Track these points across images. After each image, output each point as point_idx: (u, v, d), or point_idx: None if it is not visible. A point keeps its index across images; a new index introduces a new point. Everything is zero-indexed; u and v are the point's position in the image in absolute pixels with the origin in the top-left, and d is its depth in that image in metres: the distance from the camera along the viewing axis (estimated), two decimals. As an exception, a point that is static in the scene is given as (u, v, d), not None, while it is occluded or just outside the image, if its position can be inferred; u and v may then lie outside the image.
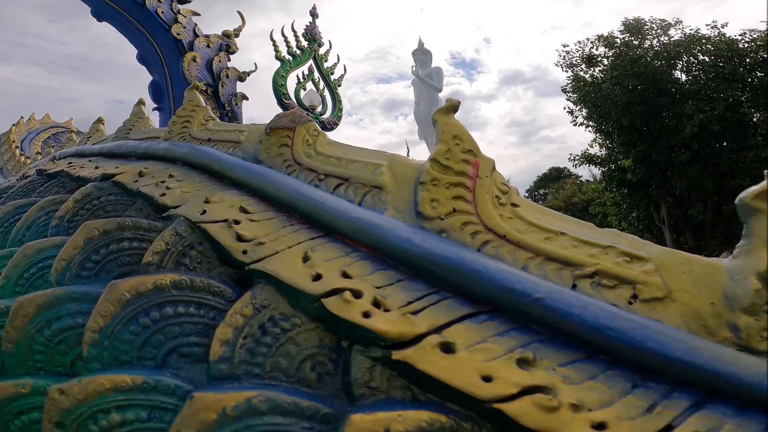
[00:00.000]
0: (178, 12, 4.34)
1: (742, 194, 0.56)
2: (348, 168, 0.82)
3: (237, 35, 5.13)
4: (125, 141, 1.33)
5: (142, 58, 4.35)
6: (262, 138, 0.91)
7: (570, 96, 18.83)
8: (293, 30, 6.12)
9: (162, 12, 4.10)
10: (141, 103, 1.76)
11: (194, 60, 4.36)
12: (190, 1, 4.62)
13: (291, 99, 5.93)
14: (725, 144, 16.59)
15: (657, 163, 18.14)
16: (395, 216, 0.71)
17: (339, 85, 6.86)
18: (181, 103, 4.79)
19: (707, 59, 16.72)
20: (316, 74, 6.49)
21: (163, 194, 0.91)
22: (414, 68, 20.71)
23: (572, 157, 20.42)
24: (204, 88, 4.42)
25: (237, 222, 0.77)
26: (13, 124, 2.81)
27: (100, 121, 1.66)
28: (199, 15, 4.71)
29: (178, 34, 4.21)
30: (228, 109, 4.70)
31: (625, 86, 16.42)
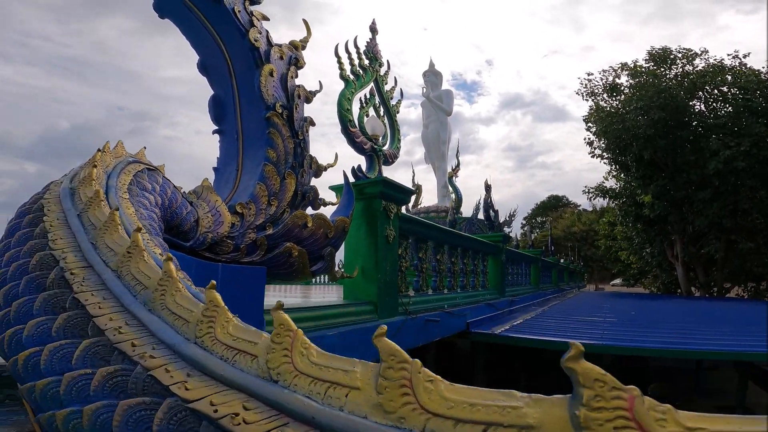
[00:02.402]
0: (251, 14, 3.37)
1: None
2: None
3: (304, 47, 4.19)
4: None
5: (203, 67, 3.32)
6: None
7: (590, 126, 18.26)
8: (356, 46, 5.19)
9: (239, 11, 3.12)
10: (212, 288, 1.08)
11: (271, 74, 3.38)
12: (260, 2, 3.66)
13: (356, 127, 4.96)
14: (746, 181, 16.15)
15: (675, 199, 17.61)
16: None
17: (397, 112, 5.94)
18: (254, 124, 3.61)
19: (733, 91, 16.35)
20: (377, 98, 5.56)
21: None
22: (424, 90, 19.94)
23: (587, 190, 19.83)
24: (280, 111, 3.43)
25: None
26: (93, 165, 1.60)
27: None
28: (268, 20, 3.76)
29: (255, 41, 3.22)
30: (301, 138, 3.70)
31: (650, 118, 15.91)
